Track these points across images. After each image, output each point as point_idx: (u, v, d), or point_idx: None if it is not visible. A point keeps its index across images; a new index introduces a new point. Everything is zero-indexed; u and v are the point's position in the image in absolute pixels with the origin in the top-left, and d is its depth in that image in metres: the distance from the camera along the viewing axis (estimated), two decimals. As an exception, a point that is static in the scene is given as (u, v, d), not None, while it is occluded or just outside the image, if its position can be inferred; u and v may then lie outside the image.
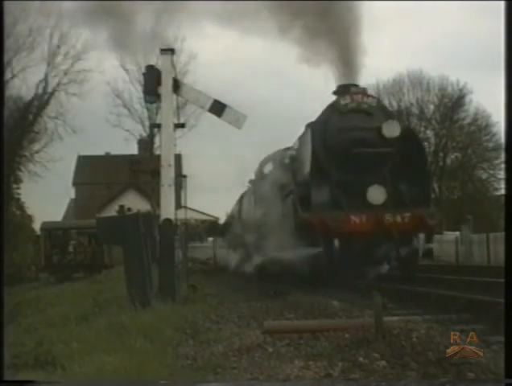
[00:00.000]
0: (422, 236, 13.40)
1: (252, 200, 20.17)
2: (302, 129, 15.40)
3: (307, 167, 13.73)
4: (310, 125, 14.43)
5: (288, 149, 16.67)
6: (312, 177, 13.56)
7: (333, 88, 14.69)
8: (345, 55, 14.28)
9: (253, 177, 20.95)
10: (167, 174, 13.58)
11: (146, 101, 20.82)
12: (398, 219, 13.11)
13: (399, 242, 13.09)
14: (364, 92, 14.45)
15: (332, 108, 14.21)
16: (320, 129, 14.04)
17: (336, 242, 12.80)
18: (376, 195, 13.46)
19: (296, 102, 61.20)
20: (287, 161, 15.67)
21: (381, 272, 14.05)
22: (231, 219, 27.21)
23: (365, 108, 13.95)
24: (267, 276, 17.69)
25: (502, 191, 36.74)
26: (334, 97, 14.48)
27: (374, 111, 14.00)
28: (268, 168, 18.62)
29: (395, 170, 13.84)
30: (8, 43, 32.24)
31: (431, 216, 13.40)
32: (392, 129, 13.68)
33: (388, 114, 14.61)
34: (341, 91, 14.41)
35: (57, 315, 12.07)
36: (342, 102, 13.99)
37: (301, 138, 15.03)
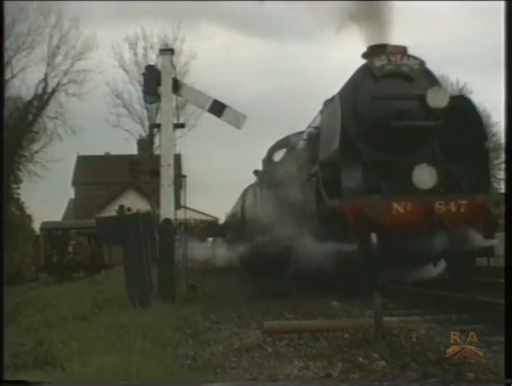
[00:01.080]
0: (481, 228, 10.94)
1: (259, 193, 18.33)
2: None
3: (334, 144, 11.16)
4: (331, 99, 11.82)
5: (301, 133, 14.57)
6: (342, 155, 11.04)
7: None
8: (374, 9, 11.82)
9: (258, 167, 19.19)
10: (167, 174, 13.58)
11: (145, 101, 20.89)
12: (453, 207, 10.75)
13: (454, 237, 10.65)
14: (404, 51, 11.82)
15: (363, 71, 11.78)
16: (349, 97, 11.58)
17: (374, 237, 10.39)
18: (424, 176, 11.07)
19: (296, 102, 61.20)
20: (305, 141, 13.46)
21: (427, 275, 11.29)
22: (233, 217, 26.65)
23: (405, 71, 11.58)
24: (276, 276, 15.91)
25: (502, 191, 36.71)
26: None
27: (417, 75, 11.63)
28: (279, 155, 16.67)
29: (445, 146, 11.60)
30: (8, 42, 32.30)
31: (495, 204, 10.72)
32: (439, 98, 11.30)
33: (433, 79, 12.01)
34: (374, 52, 11.85)
35: (57, 315, 12.04)
36: (377, 64, 11.57)
37: (324, 111, 12.32)
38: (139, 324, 8.75)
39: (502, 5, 5.55)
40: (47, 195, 55.84)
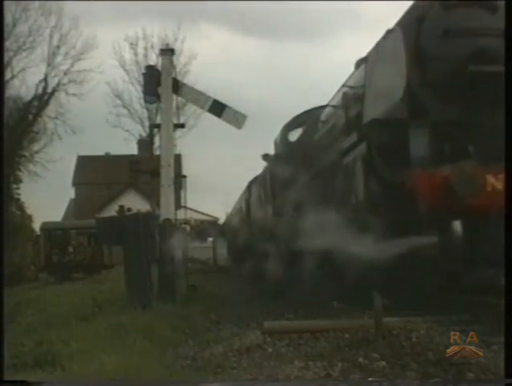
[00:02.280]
0: None
1: (269, 181, 15.74)
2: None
3: (395, 95, 8.13)
4: (384, 37, 8.74)
5: (323, 107, 11.82)
6: (409, 110, 8.03)
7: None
8: None
9: (259, 167, 17.48)
10: (167, 175, 13.59)
11: (145, 102, 20.86)
12: None
13: None
14: None
15: None
16: (412, 30, 8.30)
17: (459, 224, 7.68)
18: None
19: (296, 102, 61.23)
20: (335, 107, 10.60)
21: None
22: (237, 213, 25.83)
23: None
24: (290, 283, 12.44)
25: (502, 192, 36.55)
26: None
27: (503, 3, 7.78)
28: (296, 134, 14.07)
29: None
30: (8, 43, 32.35)
31: None
32: None
33: None
34: None
35: (57, 315, 12.06)
36: None
37: (370, 58, 9.21)
38: (139, 324, 8.75)
39: (502, 5, 5.56)
40: (47, 195, 55.98)
